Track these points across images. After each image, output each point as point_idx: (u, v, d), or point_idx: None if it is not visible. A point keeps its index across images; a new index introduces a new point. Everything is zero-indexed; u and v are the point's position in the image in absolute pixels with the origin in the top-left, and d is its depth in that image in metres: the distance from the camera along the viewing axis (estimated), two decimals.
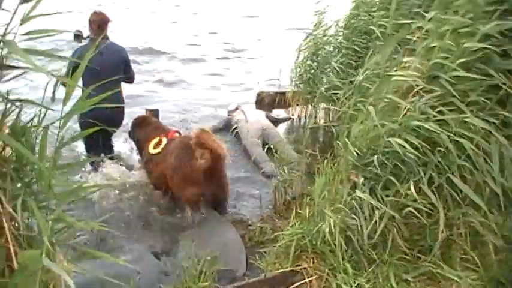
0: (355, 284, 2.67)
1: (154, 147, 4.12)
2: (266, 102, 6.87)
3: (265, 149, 4.99)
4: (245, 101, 6.91)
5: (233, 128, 5.72)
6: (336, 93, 4.74)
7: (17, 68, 1.83)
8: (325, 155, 3.69)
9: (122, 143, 5.12)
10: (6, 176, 1.98)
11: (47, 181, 2.02)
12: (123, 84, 4.51)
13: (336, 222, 2.77)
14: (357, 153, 2.90)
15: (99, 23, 4.17)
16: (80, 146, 4.78)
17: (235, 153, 5.28)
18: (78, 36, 4.17)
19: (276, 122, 6.14)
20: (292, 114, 6.45)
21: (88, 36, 4.21)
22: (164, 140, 4.11)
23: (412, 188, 2.55)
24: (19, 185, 2.10)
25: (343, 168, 3.08)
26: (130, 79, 4.61)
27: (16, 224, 1.99)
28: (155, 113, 5.77)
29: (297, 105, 6.23)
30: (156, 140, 4.14)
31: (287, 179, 4.07)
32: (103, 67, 3.78)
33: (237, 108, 6.08)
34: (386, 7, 4.11)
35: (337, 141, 3.48)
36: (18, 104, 2.09)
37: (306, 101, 5.99)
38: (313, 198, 3.19)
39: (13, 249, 1.93)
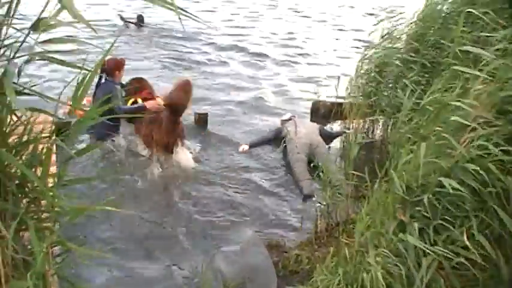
0: None
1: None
2: (322, 112, 6.39)
3: (311, 167, 4.66)
4: (300, 110, 6.61)
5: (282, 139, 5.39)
6: (399, 111, 4.30)
7: None
8: (375, 179, 3.31)
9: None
10: (7, 194, 1.85)
11: (49, 199, 1.88)
12: None
13: (378, 269, 2.42)
14: (406, 187, 2.54)
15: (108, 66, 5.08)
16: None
17: (280, 168, 5.00)
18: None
19: (330, 136, 5.72)
20: (348, 129, 5.91)
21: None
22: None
23: (464, 235, 2.16)
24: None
25: (390, 201, 2.71)
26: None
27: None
28: (204, 117, 5.74)
29: (354, 119, 5.73)
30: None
31: (330, 202, 3.73)
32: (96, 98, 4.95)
33: (290, 119, 5.69)
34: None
35: (389, 166, 3.09)
36: (28, 113, 1.98)
37: (365, 115, 5.52)
38: (355, 232, 2.85)
39: (10, 274, 1.81)
